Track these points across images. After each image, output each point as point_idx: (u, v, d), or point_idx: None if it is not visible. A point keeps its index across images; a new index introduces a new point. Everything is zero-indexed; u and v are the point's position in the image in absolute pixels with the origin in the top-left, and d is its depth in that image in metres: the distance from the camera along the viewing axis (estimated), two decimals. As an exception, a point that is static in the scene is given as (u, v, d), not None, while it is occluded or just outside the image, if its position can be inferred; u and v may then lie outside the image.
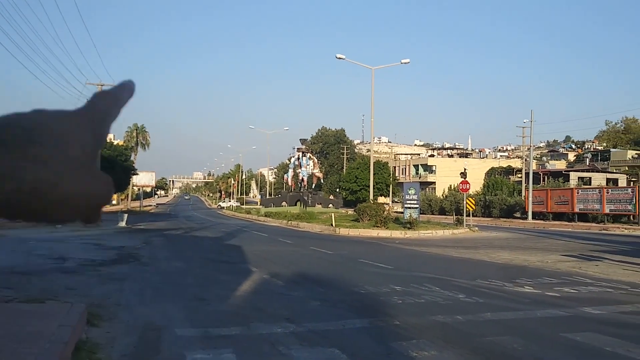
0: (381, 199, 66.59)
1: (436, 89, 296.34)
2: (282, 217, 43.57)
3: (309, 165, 61.23)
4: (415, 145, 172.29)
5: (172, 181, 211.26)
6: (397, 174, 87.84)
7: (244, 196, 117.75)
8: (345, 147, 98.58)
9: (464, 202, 32.21)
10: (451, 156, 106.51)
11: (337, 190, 79.98)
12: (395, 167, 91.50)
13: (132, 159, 63.48)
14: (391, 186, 75.40)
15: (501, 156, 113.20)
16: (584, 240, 23.81)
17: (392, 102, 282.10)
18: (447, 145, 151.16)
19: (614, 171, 70.40)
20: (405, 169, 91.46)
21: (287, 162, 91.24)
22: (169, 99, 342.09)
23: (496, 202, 50.91)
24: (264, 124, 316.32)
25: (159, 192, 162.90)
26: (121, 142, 70.29)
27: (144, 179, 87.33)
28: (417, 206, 31.57)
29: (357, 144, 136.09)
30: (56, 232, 28.77)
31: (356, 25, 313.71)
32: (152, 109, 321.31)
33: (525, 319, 7.63)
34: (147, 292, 9.81)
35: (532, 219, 43.61)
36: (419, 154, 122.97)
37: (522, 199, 49.28)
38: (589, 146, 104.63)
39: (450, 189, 63.98)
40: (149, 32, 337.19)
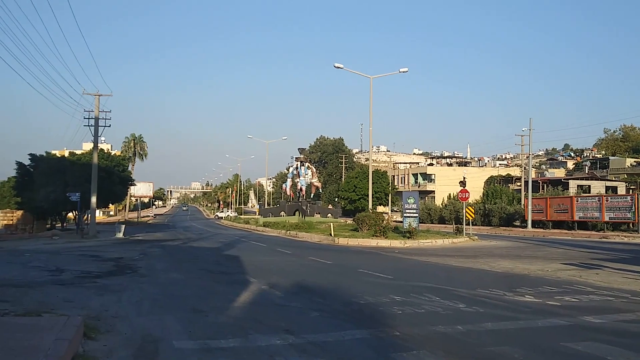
0: (380, 208, 66.52)
1: (435, 98, 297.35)
2: (280, 227, 43.51)
3: (307, 174, 61.25)
4: (414, 154, 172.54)
5: (170, 191, 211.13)
6: (396, 183, 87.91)
7: (243, 206, 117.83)
8: (343, 156, 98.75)
9: (464, 210, 32.16)
10: (450, 165, 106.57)
11: (336, 199, 79.98)
12: (394, 176, 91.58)
13: (129, 169, 63.45)
14: (390, 195, 75.40)
15: (500, 164, 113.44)
16: (584, 248, 23.75)
17: (391, 111, 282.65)
18: (446, 153, 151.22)
19: (613, 179, 70.49)
20: (404, 177, 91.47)
21: (286, 171, 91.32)
22: (167, 110, 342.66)
23: (496, 210, 50.85)
24: (262, 133, 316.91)
25: (156, 203, 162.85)
26: (119, 153, 70.33)
27: (141, 190, 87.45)
28: (417, 215, 31.52)
29: (356, 153, 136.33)
30: (53, 244, 28.71)
31: (354, 34, 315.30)
32: (150, 119, 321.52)
33: (526, 329, 7.56)
34: (144, 304, 9.74)
35: (532, 227, 43.53)
36: (418, 163, 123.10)
37: (522, 207, 49.22)
38: (588, 154, 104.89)
39: (449, 197, 64.02)
40: (147, 45, 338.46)
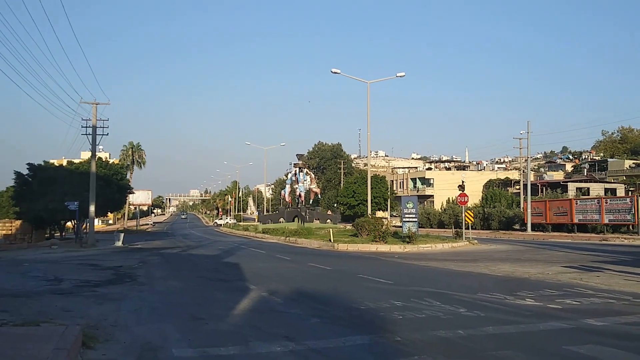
0: (379, 213, 66.56)
1: (432, 102, 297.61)
2: (280, 233, 43.45)
3: (306, 180, 61.18)
4: (412, 158, 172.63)
5: (169, 199, 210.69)
6: (394, 188, 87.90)
7: (242, 213, 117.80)
8: (342, 161, 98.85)
9: (463, 214, 32.16)
10: (449, 169, 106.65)
11: (335, 205, 79.90)
12: (392, 181, 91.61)
13: (128, 177, 63.44)
14: (389, 200, 75.42)
15: (499, 168, 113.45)
16: (584, 251, 23.73)
17: (389, 116, 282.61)
18: (444, 158, 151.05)
19: (612, 181, 70.58)
20: (403, 182, 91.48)
21: (285, 178, 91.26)
22: (165, 118, 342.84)
23: (495, 214, 50.89)
24: (261, 140, 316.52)
25: (155, 211, 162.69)
26: (117, 161, 70.29)
27: (140, 198, 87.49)
28: (416, 220, 31.51)
29: (354, 159, 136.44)
30: (51, 253, 28.63)
31: (351, 39, 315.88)
32: (148, 127, 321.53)
33: (527, 333, 7.53)
34: (144, 313, 9.69)
35: (532, 230, 43.54)
36: (417, 168, 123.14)
37: (521, 210, 49.25)
38: (586, 156, 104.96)
39: (448, 202, 64.00)
40: (145, 53, 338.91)
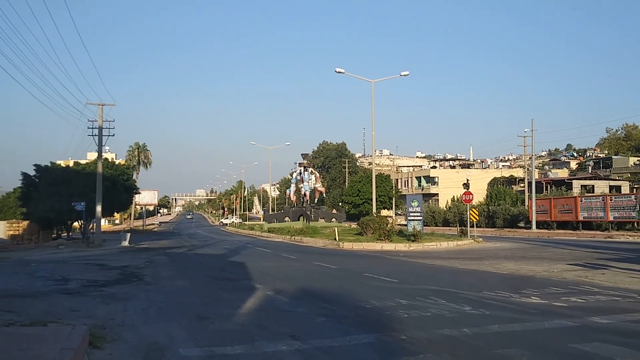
0: (384, 212, 66.56)
1: (436, 100, 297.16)
2: (285, 232, 43.49)
3: (311, 179, 61.22)
4: (417, 157, 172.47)
5: (175, 199, 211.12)
6: (399, 187, 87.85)
7: (247, 212, 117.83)
8: (347, 160, 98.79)
9: (468, 213, 32.10)
10: (453, 167, 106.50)
11: (340, 204, 79.94)
12: (397, 179, 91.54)
13: (134, 178, 63.51)
14: (394, 199, 75.34)
15: (503, 166, 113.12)
16: (589, 248, 23.68)
17: (393, 114, 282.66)
18: (449, 156, 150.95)
19: (617, 178, 70.34)
20: (407, 181, 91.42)
21: (289, 177, 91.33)
22: (170, 118, 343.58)
23: (500, 212, 50.80)
24: (265, 139, 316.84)
25: (161, 211, 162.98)
26: (123, 161, 70.43)
27: (146, 198, 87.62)
28: (421, 218, 31.49)
29: (359, 157, 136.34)
30: (58, 253, 28.75)
31: (355, 37, 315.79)
32: (153, 127, 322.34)
33: (532, 331, 7.53)
34: (150, 312, 9.74)
35: (536, 228, 43.46)
36: (421, 166, 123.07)
37: (526, 208, 49.12)
38: (591, 154, 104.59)
39: (453, 200, 63.92)
40: (150, 53, 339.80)
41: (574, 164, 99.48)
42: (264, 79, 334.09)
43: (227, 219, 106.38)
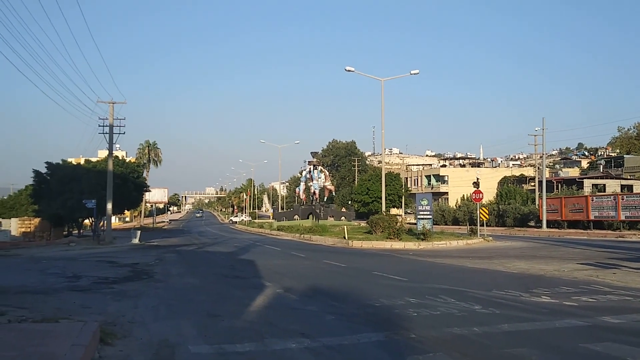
0: (393, 211, 66.48)
1: (446, 99, 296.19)
2: (294, 230, 43.52)
3: (320, 178, 61.18)
4: (426, 155, 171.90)
5: (185, 197, 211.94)
6: (409, 185, 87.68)
7: (257, 210, 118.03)
8: (356, 159, 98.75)
9: (478, 211, 31.99)
10: (463, 166, 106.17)
11: (349, 202, 79.94)
12: (407, 178, 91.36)
13: (144, 175, 63.83)
14: (403, 197, 75.25)
15: (513, 165, 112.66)
16: (600, 248, 23.52)
17: (403, 113, 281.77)
18: (458, 155, 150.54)
19: (629, 177, 69.78)
20: (417, 179, 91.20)
21: (299, 175, 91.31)
22: (180, 116, 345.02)
23: (510, 211, 50.58)
24: (275, 137, 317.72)
25: (171, 208, 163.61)
26: (133, 159, 70.76)
27: (156, 196, 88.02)
28: (430, 217, 31.41)
29: (368, 156, 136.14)
30: (70, 251, 28.97)
31: (365, 35, 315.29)
32: (164, 125, 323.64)
33: (543, 330, 7.49)
34: (160, 309, 9.78)
35: (547, 227, 43.24)
36: (431, 165, 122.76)
37: (536, 207, 48.89)
38: (602, 153, 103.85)
39: (463, 199, 63.69)
40: (160, 51, 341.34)
41: (585, 163, 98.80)
42: (274, 77, 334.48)
43: (236, 217, 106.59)
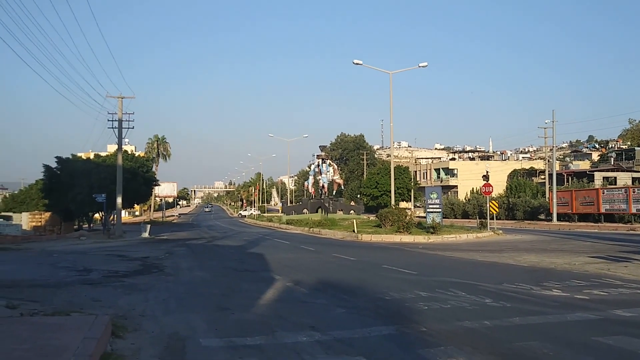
0: (403, 204, 66.25)
1: (455, 92, 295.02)
2: (303, 224, 43.57)
3: (329, 171, 61.15)
4: (435, 149, 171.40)
5: (194, 191, 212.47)
6: (418, 179, 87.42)
7: (265, 204, 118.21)
8: (365, 152, 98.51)
9: (487, 205, 31.86)
10: (472, 159, 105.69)
11: (358, 196, 79.79)
12: (416, 171, 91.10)
13: (153, 170, 63.98)
14: (412, 191, 75.02)
15: (523, 158, 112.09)
16: (611, 241, 23.35)
17: (412, 106, 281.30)
18: (468, 148, 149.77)
19: (640, 170, 69.17)
20: (426, 173, 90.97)
21: (308, 169, 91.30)
22: (189, 110, 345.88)
23: (520, 204, 50.31)
24: (283, 131, 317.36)
25: (181, 203, 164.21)
26: (142, 154, 70.96)
27: (165, 190, 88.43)
28: (440, 210, 31.31)
29: (377, 150, 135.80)
30: (80, 244, 29.16)
31: (374, 28, 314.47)
32: (172, 120, 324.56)
33: (554, 323, 7.45)
34: (171, 303, 9.82)
35: (557, 220, 42.97)
36: (440, 158, 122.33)
37: (546, 200, 48.61)
38: (613, 145, 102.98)
39: (472, 192, 63.40)
40: (168, 45, 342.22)
41: (595, 156, 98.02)
42: (283, 71, 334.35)
43: (245, 210, 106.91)
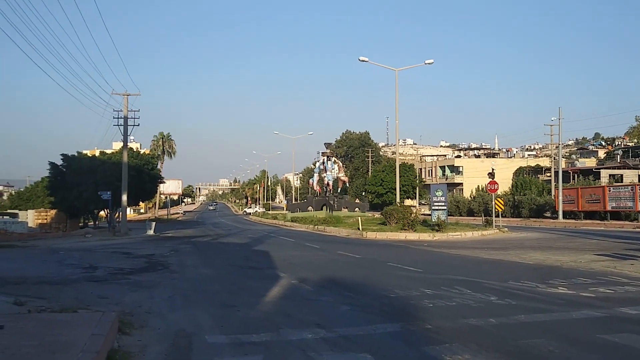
0: (408, 202, 66.27)
1: (461, 89, 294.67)
2: (308, 222, 43.60)
3: (334, 169, 61.08)
4: (441, 146, 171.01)
5: (199, 188, 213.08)
6: (423, 176, 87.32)
7: (270, 202, 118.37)
8: (370, 150, 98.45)
9: (493, 202, 31.81)
10: (478, 156, 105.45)
11: (363, 193, 79.82)
12: (421, 169, 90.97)
13: (158, 167, 64.17)
14: (417, 188, 74.99)
15: (529, 155, 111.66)
16: (617, 239, 23.28)
17: (417, 103, 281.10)
18: (473, 145, 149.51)
19: (646, 168, 68.87)
20: (431, 170, 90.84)
21: (313, 166, 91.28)
22: (194, 107, 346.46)
23: (525, 202, 50.20)
24: (288, 128, 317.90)
25: (185, 200, 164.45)
26: (147, 151, 71.15)
27: (170, 187, 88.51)
28: (445, 208, 31.27)
29: (382, 147, 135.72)
30: (86, 242, 29.27)
31: (380, 25, 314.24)
32: (178, 117, 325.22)
33: (560, 321, 7.44)
34: (176, 300, 9.86)
35: (563, 218, 42.87)
36: (445, 155, 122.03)
37: (552, 198, 48.47)
38: (619, 143, 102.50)
39: (478, 189, 63.34)
40: (174, 43, 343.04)
41: (602, 153, 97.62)
42: (288, 68, 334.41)
43: (250, 208, 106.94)
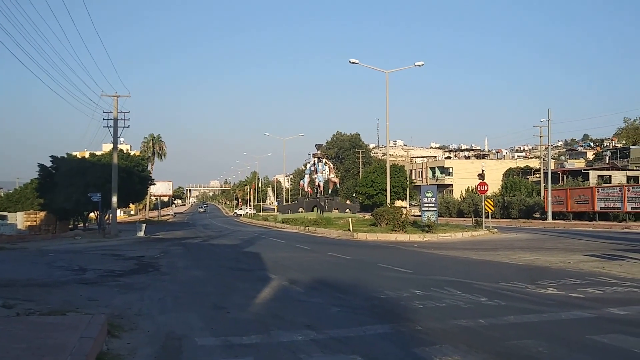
0: (398, 203, 66.44)
1: (451, 90, 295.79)
2: (299, 223, 43.57)
3: (324, 170, 61.12)
4: (431, 147, 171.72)
5: (189, 190, 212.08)
6: (413, 177, 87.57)
7: (261, 203, 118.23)
8: (360, 151, 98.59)
9: (483, 203, 31.93)
10: (468, 158, 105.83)
11: (354, 195, 79.91)
12: (411, 170, 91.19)
13: (149, 169, 63.87)
14: (408, 189, 75.15)
15: (518, 156, 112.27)
16: (606, 239, 23.44)
17: (407, 105, 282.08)
18: (463, 146, 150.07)
19: (634, 168, 69.39)
20: (421, 171, 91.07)
21: (303, 168, 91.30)
22: (184, 109, 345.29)
23: (515, 203, 50.43)
24: (279, 130, 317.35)
25: (176, 202, 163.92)
26: (138, 153, 70.81)
27: (161, 189, 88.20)
28: (435, 209, 31.33)
29: (373, 148, 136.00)
30: (75, 244, 29.08)
31: (369, 25, 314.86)
32: (168, 119, 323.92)
33: (549, 322, 7.49)
34: (167, 302, 9.82)
35: (552, 219, 43.11)
36: (436, 157, 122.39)
37: (541, 199, 48.74)
38: (608, 144, 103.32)
39: (468, 190, 63.54)
40: (164, 45, 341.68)
41: (590, 154, 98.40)
42: (278, 70, 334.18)
43: (241, 209, 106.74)
